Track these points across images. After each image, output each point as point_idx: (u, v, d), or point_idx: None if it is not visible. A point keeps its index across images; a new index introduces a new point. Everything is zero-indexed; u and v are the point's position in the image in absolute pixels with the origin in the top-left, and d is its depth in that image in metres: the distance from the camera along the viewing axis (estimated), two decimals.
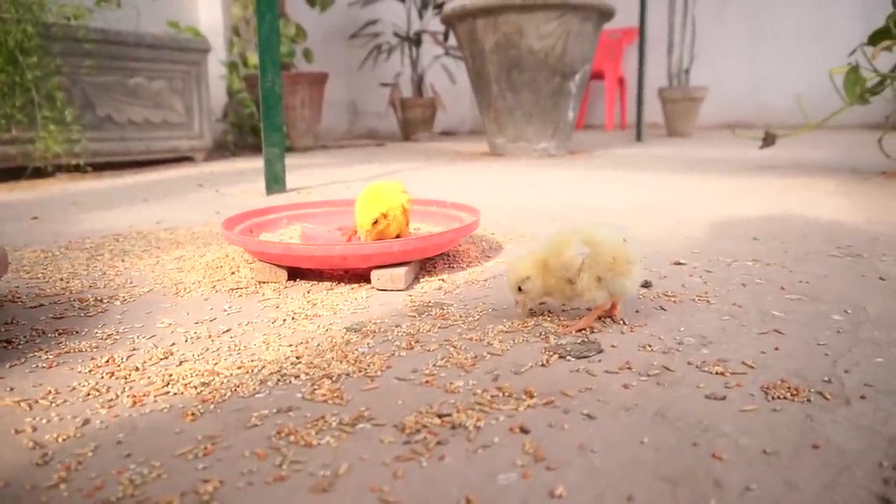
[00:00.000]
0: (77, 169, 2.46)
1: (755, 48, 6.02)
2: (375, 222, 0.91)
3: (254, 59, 3.77)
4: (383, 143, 4.55)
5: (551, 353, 0.66)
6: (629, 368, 0.62)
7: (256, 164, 2.97)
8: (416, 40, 4.86)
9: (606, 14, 2.99)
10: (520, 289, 0.74)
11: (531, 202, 1.68)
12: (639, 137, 4.43)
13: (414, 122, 4.88)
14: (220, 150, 3.62)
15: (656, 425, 0.51)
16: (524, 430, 0.50)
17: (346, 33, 4.94)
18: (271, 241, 0.89)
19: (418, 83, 4.93)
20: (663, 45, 5.03)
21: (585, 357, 0.65)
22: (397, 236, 0.96)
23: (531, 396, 0.56)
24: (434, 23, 4.96)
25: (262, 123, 1.84)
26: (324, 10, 4.14)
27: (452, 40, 4.86)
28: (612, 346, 0.67)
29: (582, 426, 0.51)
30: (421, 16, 4.94)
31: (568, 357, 0.65)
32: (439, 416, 0.53)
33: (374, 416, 0.53)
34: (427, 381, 0.60)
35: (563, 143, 3.15)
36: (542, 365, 0.63)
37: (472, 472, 0.45)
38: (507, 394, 0.57)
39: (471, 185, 2.09)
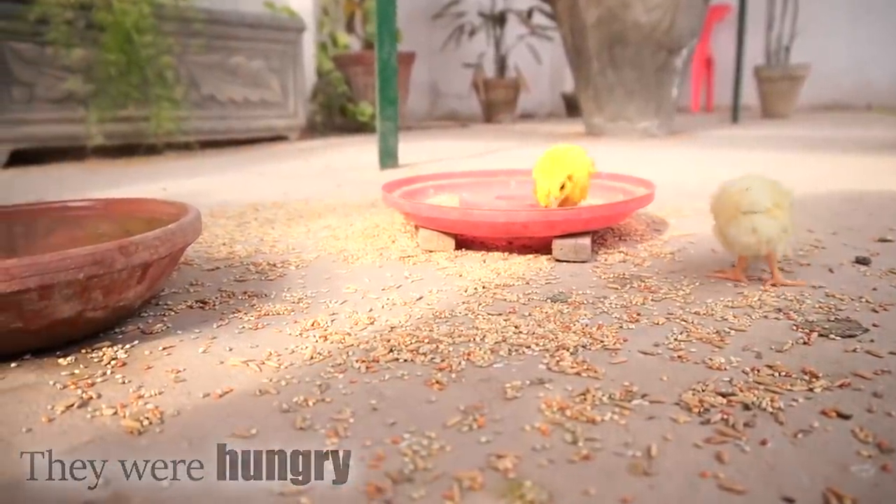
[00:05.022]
0: (186, 147, 2.51)
1: (858, 24, 5.60)
2: (562, 187, 0.85)
3: (343, 38, 3.77)
4: (466, 124, 4.48)
5: (806, 329, 0.58)
6: None
7: (350, 141, 2.96)
8: (500, 20, 4.76)
9: None
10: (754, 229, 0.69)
11: (663, 180, 1.58)
12: (735, 119, 4.20)
13: (496, 103, 4.79)
14: (309, 130, 3.64)
15: None
16: (842, 415, 0.43)
17: (428, 13, 4.88)
18: (448, 207, 0.84)
19: (501, 64, 4.83)
20: (758, 22, 4.74)
21: (852, 336, 0.57)
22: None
23: (815, 377, 0.49)
24: (519, 2, 4.84)
25: (377, 97, 1.80)
26: None
27: (537, 19, 4.74)
28: (875, 326, 0.59)
29: None
30: None
31: (831, 335, 0.57)
32: (722, 395, 0.46)
33: (645, 391, 0.47)
34: (679, 357, 0.53)
35: (666, 122, 3.00)
36: (804, 343, 0.55)
37: (809, 460, 0.38)
38: (783, 373, 0.50)
39: None
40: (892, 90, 5.21)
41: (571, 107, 5.44)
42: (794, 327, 0.59)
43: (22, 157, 2.11)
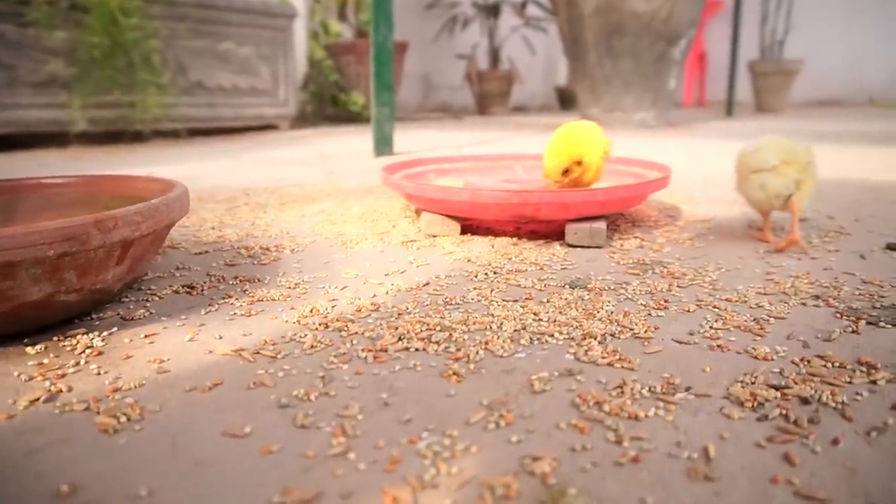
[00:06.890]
0: (173, 134, 2.43)
1: (853, 19, 5.59)
2: (566, 171, 0.79)
3: (336, 27, 3.70)
4: (460, 116, 4.42)
5: (852, 317, 0.53)
6: None
7: (342, 131, 2.89)
8: (494, 10, 4.69)
9: None
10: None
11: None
12: (729, 112, 4.17)
13: (490, 95, 4.73)
14: (299, 119, 3.56)
15: None
16: None
17: (421, 3, 4.80)
18: (455, 188, 0.78)
19: (495, 55, 4.77)
20: (752, 16, 4.71)
21: None
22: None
23: (874, 368, 0.44)
24: None
25: (372, 81, 1.75)
26: None
27: (531, 10, 4.68)
28: None
29: None
30: None
31: (880, 323, 0.52)
32: (775, 388, 0.41)
33: (688, 384, 0.42)
34: (719, 346, 0.48)
35: (663, 114, 2.96)
36: (853, 332, 0.51)
37: (892, 462, 0.33)
38: (837, 363, 0.45)
39: None
40: (887, 86, 5.21)
41: (564, 100, 5.39)
42: (838, 315, 0.54)
43: (3, 143, 2.03)
